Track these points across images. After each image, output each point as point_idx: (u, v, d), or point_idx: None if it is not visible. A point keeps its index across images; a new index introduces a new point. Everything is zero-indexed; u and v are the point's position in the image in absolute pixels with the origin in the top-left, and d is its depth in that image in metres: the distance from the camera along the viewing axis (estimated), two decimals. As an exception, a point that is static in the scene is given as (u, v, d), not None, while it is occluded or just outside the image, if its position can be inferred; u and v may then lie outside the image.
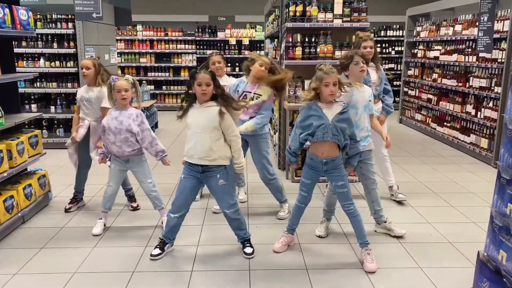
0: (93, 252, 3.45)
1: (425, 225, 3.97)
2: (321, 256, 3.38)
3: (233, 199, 3.30)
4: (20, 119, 4.12)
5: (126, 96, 3.56)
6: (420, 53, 8.66)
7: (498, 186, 2.40)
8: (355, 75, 3.44)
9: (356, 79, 3.43)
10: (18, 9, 3.86)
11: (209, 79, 3.05)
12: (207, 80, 3.05)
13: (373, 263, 3.14)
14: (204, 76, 3.05)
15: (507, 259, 2.28)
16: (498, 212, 2.37)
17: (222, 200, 3.27)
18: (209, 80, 3.05)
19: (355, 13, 4.95)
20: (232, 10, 11.36)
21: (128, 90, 3.57)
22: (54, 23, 6.67)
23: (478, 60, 6.43)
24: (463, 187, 5.07)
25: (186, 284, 2.97)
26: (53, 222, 4.03)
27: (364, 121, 3.44)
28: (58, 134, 6.88)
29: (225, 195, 3.25)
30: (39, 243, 3.58)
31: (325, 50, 4.97)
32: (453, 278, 3.03)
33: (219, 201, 3.32)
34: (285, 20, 5.20)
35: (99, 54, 7.14)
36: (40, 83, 6.85)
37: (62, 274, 3.09)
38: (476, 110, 6.47)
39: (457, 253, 3.42)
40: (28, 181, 4.08)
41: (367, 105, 3.44)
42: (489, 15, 5.85)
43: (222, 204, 3.29)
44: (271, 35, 7.47)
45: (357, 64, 3.40)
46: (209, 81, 3.05)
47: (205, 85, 3.04)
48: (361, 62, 3.40)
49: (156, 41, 10.96)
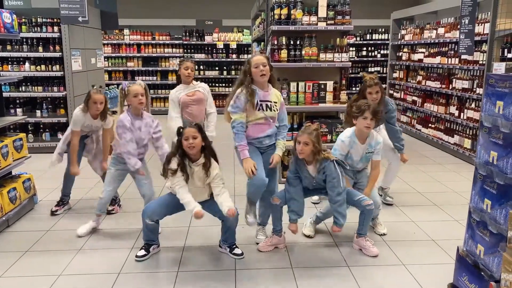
0: (78, 254, 3.44)
1: (409, 224, 4.04)
2: (306, 255, 3.41)
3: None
4: (4, 122, 4.10)
5: (143, 100, 3.57)
6: (404, 56, 8.78)
7: (475, 183, 2.47)
8: (359, 128, 3.50)
9: (358, 132, 3.52)
10: (2, 12, 3.85)
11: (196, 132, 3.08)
12: (193, 133, 3.06)
13: (375, 247, 3.40)
14: (190, 130, 3.07)
15: (484, 253, 2.34)
16: (476, 207, 2.44)
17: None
18: (196, 132, 3.07)
19: (339, 16, 5.01)
20: (219, 14, 11.40)
21: (143, 95, 3.58)
22: (40, 26, 6.63)
23: (461, 62, 6.56)
24: (446, 186, 5.16)
25: (172, 284, 2.98)
26: (38, 225, 4.01)
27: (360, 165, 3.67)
28: (44, 138, 6.82)
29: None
30: (24, 247, 3.56)
31: (310, 52, 5.03)
32: (435, 274, 3.08)
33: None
34: (270, 23, 5.25)
35: (86, 58, 7.14)
36: (25, 87, 6.79)
37: (47, 277, 3.08)
38: (459, 111, 6.59)
39: (439, 250, 3.48)
40: (12, 185, 4.06)
41: (366, 156, 3.58)
42: (470, 18, 5.97)
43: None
44: (257, 38, 7.53)
45: (365, 119, 3.42)
46: (195, 134, 3.06)
47: (192, 138, 3.05)
48: (369, 119, 3.41)
49: (144, 45, 10.94)
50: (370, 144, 3.56)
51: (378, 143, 3.58)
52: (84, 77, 7.12)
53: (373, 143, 3.56)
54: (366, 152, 3.56)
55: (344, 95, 5.10)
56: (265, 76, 3.26)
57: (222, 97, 10.54)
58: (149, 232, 3.36)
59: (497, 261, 2.20)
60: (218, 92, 10.76)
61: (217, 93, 10.71)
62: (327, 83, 5.04)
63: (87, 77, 7.25)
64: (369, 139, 3.55)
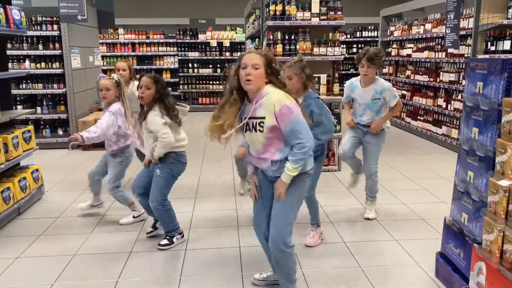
0: (90, 237, 3.64)
1: (400, 206, 4.29)
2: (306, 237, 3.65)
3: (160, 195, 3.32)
4: (13, 115, 4.27)
5: (106, 95, 3.67)
6: (394, 52, 9.07)
7: (459, 157, 2.72)
8: (361, 76, 3.73)
9: (361, 78, 3.74)
10: (11, 9, 4.03)
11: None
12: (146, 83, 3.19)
13: (312, 239, 3.42)
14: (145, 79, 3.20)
15: (468, 219, 2.59)
16: (460, 179, 2.69)
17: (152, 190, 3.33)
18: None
19: (331, 12, 5.27)
20: (213, 13, 11.62)
21: (109, 89, 3.67)
22: (40, 25, 6.79)
23: (447, 56, 6.85)
24: (435, 172, 5.43)
25: (181, 261, 3.20)
26: (48, 213, 4.19)
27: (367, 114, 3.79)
28: (44, 135, 6.97)
29: (156, 186, 3.30)
30: (37, 231, 3.75)
31: (304, 47, 5.27)
32: (424, 246, 3.33)
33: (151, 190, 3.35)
34: (266, 19, 5.49)
35: (84, 56, 7.31)
36: (26, 84, 6.95)
37: (63, 256, 3.27)
38: (446, 103, 6.88)
39: (428, 227, 3.74)
40: (22, 175, 4.23)
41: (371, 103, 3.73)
42: (455, 13, 6.26)
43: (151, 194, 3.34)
44: (252, 35, 7.75)
45: (362, 67, 3.64)
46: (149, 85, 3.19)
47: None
48: (366, 67, 3.61)
49: (138, 44, 11.10)
50: (375, 90, 3.69)
51: (384, 89, 3.69)
52: (83, 74, 7.29)
53: (379, 89, 3.69)
54: (372, 98, 3.71)
55: (337, 88, 5.35)
56: (251, 83, 2.29)
57: (216, 95, 10.86)
58: (150, 213, 3.53)
59: (479, 226, 2.44)
60: (211, 89, 11.04)
61: (211, 90, 11.01)
62: (320, 76, 5.28)
63: (86, 75, 7.42)
64: (374, 84, 3.70)
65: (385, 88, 3.71)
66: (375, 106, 3.75)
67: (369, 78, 3.69)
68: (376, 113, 3.78)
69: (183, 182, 4.56)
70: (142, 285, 2.88)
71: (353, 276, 2.97)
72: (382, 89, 3.71)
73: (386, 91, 3.71)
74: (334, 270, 3.05)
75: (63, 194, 4.72)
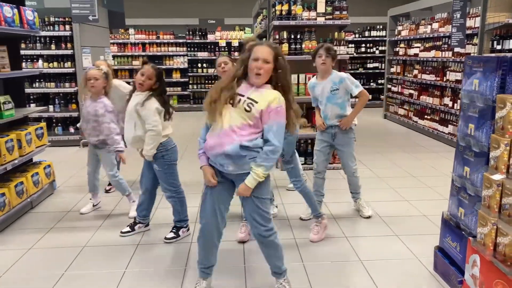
0: (99, 230, 3.76)
1: (403, 203, 4.35)
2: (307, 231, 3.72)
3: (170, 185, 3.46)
4: (27, 112, 4.42)
5: (94, 84, 3.74)
6: (401, 51, 9.10)
7: (457, 153, 2.78)
8: (318, 68, 3.70)
9: (319, 72, 3.74)
10: (25, 10, 4.18)
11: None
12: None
13: (317, 235, 3.49)
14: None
15: (464, 214, 2.66)
16: (457, 175, 2.75)
17: (161, 183, 3.48)
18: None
19: (336, 11, 5.34)
20: (222, 13, 11.74)
21: (98, 79, 3.76)
22: (52, 25, 6.97)
23: (454, 55, 6.87)
24: (439, 171, 5.47)
25: (186, 253, 3.30)
26: (60, 207, 4.33)
27: (330, 111, 3.72)
28: (56, 132, 7.15)
29: (162, 179, 3.44)
30: (49, 224, 3.89)
31: (310, 46, 5.35)
32: (424, 242, 3.39)
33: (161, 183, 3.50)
34: (272, 19, 5.58)
35: (95, 55, 7.46)
36: (38, 83, 7.13)
37: (74, 248, 3.40)
38: (453, 102, 6.90)
39: (430, 223, 3.80)
40: (35, 170, 4.38)
41: (330, 96, 3.68)
42: (461, 12, 6.28)
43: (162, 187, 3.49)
44: (259, 35, 7.83)
45: (320, 57, 3.62)
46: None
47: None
48: (324, 56, 3.57)
49: (148, 44, 11.27)
50: (333, 81, 3.64)
51: (342, 79, 3.63)
52: (94, 73, 7.44)
53: (337, 80, 3.64)
54: (330, 90, 3.65)
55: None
56: (260, 77, 2.39)
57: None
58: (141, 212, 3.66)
59: (475, 220, 2.50)
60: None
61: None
62: (326, 75, 5.35)
63: (97, 74, 7.56)
64: (330, 76, 3.67)
65: (342, 77, 3.64)
66: (335, 98, 3.67)
67: (326, 68, 3.64)
68: (340, 108, 3.70)
69: (191, 178, 4.69)
70: (149, 275, 2.99)
71: (353, 269, 3.05)
72: (339, 78, 3.64)
73: (344, 79, 3.63)
74: (334, 263, 3.13)
75: (74, 189, 4.86)
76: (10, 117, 3.99)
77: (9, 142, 3.87)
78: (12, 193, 3.86)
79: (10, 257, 3.26)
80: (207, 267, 2.70)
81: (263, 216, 2.51)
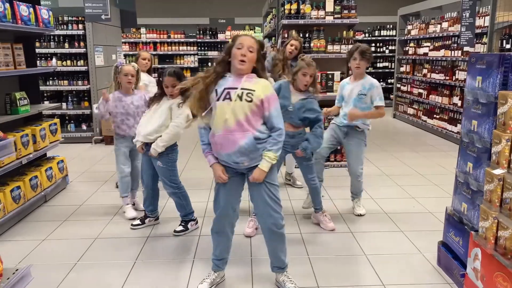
0: (111, 223, 3.87)
1: (409, 200, 4.39)
2: (313, 226, 3.78)
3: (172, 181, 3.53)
4: (41, 108, 4.55)
5: (131, 80, 3.86)
6: (411, 50, 9.09)
7: (460, 149, 2.83)
8: (352, 71, 3.80)
9: (353, 74, 3.82)
10: (40, 9, 4.30)
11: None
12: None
13: (331, 222, 3.65)
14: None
15: (467, 209, 2.70)
16: (461, 171, 2.80)
17: (163, 180, 3.54)
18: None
19: (345, 10, 5.39)
20: (232, 12, 11.85)
21: (133, 76, 3.87)
22: (66, 24, 7.12)
23: (463, 54, 6.87)
24: (447, 169, 5.49)
25: (195, 246, 3.39)
26: (72, 201, 4.45)
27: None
28: (69, 129, 7.30)
29: (165, 176, 3.50)
30: (62, 217, 4.01)
31: (318, 45, 5.41)
32: (429, 238, 3.43)
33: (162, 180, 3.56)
34: (281, 18, 5.64)
35: (107, 54, 7.61)
36: (52, 81, 7.29)
37: (85, 239, 3.51)
38: (462, 101, 6.89)
39: (435, 220, 3.84)
40: (49, 164, 4.50)
41: (357, 99, 3.73)
42: (471, 11, 6.29)
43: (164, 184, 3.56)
44: (269, 34, 7.92)
45: (355, 60, 3.70)
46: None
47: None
48: (358, 60, 3.66)
49: (159, 43, 11.42)
50: (363, 86, 3.69)
51: (373, 86, 3.68)
52: (106, 72, 7.57)
53: (367, 85, 3.69)
54: (358, 93, 3.70)
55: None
56: (244, 64, 2.41)
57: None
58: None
59: (477, 215, 2.54)
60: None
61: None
62: (334, 73, 5.40)
63: (109, 72, 7.69)
64: (362, 80, 3.73)
65: (373, 85, 3.70)
66: (361, 103, 3.70)
67: (360, 71, 3.72)
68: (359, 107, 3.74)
69: (199, 174, 4.78)
70: (158, 266, 3.08)
71: (358, 263, 3.10)
72: (370, 84, 3.70)
73: (374, 88, 3.69)
74: (339, 257, 3.19)
75: (86, 184, 4.98)
76: (26, 112, 4.12)
77: (25, 137, 3.99)
78: (27, 186, 3.98)
79: (25, 247, 3.38)
80: (219, 259, 2.78)
81: (277, 203, 2.59)
